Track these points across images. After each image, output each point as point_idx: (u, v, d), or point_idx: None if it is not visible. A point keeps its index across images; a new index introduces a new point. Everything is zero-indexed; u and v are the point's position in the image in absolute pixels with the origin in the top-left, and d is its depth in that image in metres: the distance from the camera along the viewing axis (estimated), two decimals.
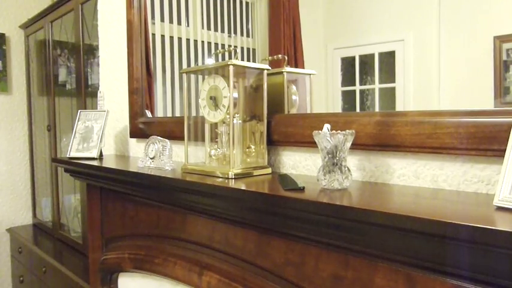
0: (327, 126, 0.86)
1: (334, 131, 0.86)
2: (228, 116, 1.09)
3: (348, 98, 1.28)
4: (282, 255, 0.96)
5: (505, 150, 0.69)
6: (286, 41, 1.41)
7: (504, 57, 0.92)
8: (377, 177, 0.96)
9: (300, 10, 1.39)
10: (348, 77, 1.28)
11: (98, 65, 2.06)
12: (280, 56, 1.32)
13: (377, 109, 1.21)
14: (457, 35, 1.02)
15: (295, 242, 0.93)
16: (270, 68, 1.16)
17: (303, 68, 1.36)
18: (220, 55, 1.41)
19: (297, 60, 1.38)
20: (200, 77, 1.30)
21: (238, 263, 1.08)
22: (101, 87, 2.01)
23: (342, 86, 1.29)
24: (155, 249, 1.36)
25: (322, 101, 1.34)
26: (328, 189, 0.86)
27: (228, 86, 1.07)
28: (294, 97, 1.28)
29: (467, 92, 0.99)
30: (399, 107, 1.14)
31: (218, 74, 1.13)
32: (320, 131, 0.86)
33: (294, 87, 1.29)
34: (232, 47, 1.66)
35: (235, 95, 1.12)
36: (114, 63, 1.91)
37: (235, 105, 1.12)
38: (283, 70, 1.22)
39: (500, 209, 0.65)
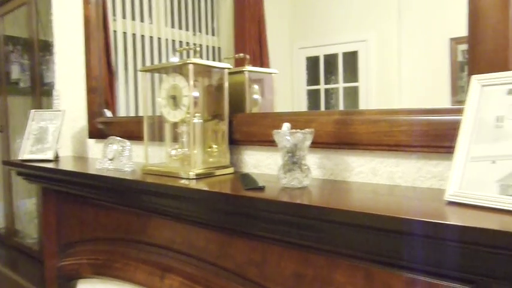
0: (286, 125, 0.87)
1: (293, 130, 0.86)
2: (188, 116, 1.07)
3: (313, 97, 1.30)
4: (245, 255, 0.96)
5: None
6: (251, 40, 1.41)
7: (459, 58, 0.96)
8: (336, 175, 0.97)
9: (265, 9, 1.39)
10: (313, 76, 1.29)
11: (54, 62, 1.98)
12: (242, 54, 1.31)
13: (341, 108, 1.23)
14: (416, 36, 1.05)
15: (257, 242, 0.93)
16: (231, 67, 1.15)
17: (269, 67, 1.36)
18: (184, 53, 1.39)
19: (262, 59, 1.38)
20: (162, 76, 1.27)
21: (200, 264, 1.07)
22: (57, 86, 1.94)
23: (307, 85, 1.31)
24: (115, 254, 1.32)
25: (288, 100, 1.34)
26: (288, 188, 0.86)
27: (188, 85, 1.06)
28: (255, 96, 1.28)
29: (426, 90, 1.02)
30: (362, 105, 1.16)
31: (178, 73, 1.11)
32: (280, 130, 0.86)
33: (255, 87, 1.29)
34: (198, 45, 1.64)
35: (196, 94, 1.10)
36: (71, 61, 1.84)
37: (195, 104, 1.10)
38: (244, 69, 1.22)
39: (451, 203, 0.68)
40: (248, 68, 1.23)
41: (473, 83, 0.72)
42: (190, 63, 1.03)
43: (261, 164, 1.13)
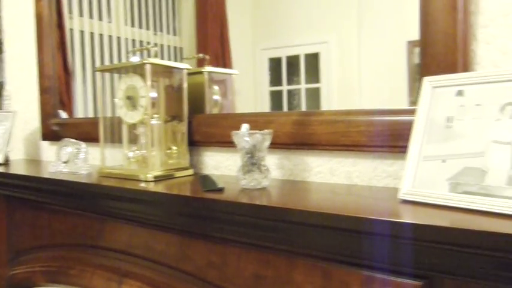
0: (245, 126, 0.86)
1: (252, 131, 0.86)
2: (146, 117, 1.05)
3: (276, 98, 1.30)
4: (204, 257, 0.95)
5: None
6: (213, 40, 1.39)
7: (416, 60, 0.99)
8: (296, 175, 0.98)
9: (227, 9, 1.38)
10: (275, 77, 1.30)
11: (4, 61, 1.88)
12: (201, 55, 1.30)
13: (304, 109, 1.24)
14: (375, 38, 1.08)
15: (216, 244, 0.92)
16: (189, 67, 1.13)
17: (231, 67, 1.36)
18: (144, 52, 1.35)
19: (225, 59, 1.37)
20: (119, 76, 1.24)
21: (159, 268, 1.05)
22: (8, 86, 1.84)
23: (270, 86, 1.31)
24: (71, 260, 1.27)
25: (251, 101, 1.34)
26: (247, 189, 0.86)
27: (146, 85, 1.03)
28: (215, 97, 1.27)
29: (386, 91, 1.04)
30: (324, 106, 1.17)
31: (135, 73, 1.08)
32: (238, 131, 0.85)
33: (215, 87, 1.28)
34: (159, 45, 1.61)
35: (154, 94, 1.08)
36: (22, 60, 1.76)
37: (153, 105, 1.08)
38: (203, 70, 1.21)
39: (404, 201, 0.70)
40: (208, 68, 1.22)
41: (425, 84, 0.74)
42: (148, 63, 1.01)
43: (221, 165, 1.12)
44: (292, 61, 1.28)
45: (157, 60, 1.05)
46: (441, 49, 0.78)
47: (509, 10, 0.76)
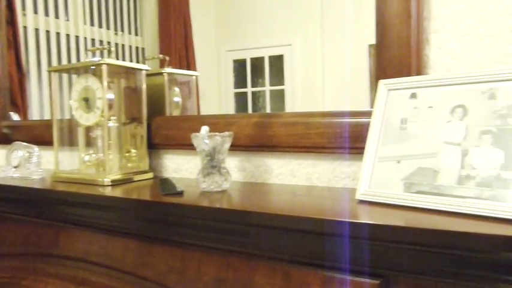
0: (204, 128, 0.85)
1: (212, 133, 0.85)
2: (102, 119, 1.01)
3: (241, 100, 1.30)
4: (164, 262, 0.93)
5: None
6: (177, 41, 1.37)
7: None
8: (257, 177, 0.98)
9: (191, 10, 1.36)
10: (240, 79, 1.29)
11: None
12: (161, 55, 1.28)
13: (268, 110, 1.24)
14: (338, 41, 1.10)
15: (177, 248, 0.90)
16: (148, 68, 1.11)
17: (195, 69, 1.34)
18: (102, 52, 1.31)
19: (188, 61, 1.35)
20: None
21: (118, 275, 1.01)
22: None
23: (235, 88, 1.30)
24: (23, 270, 1.21)
25: (216, 102, 1.33)
26: (207, 192, 0.85)
27: (102, 86, 1.00)
28: (176, 99, 1.25)
29: (348, 93, 1.06)
30: (288, 108, 1.18)
31: (91, 74, 1.04)
32: (198, 134, 0.84)
33: (176, 89, 1.26)
34: (120, 45, 1.57)
35: (111, 96, 1.05)
36: None
37: (111, 107, 1.05)
38: (163, 71, 1.18)
39: (361, 202, 0.71)
40: (168, 69, 1.20)
41: (381, 87, 0.76)
42: (104, 63, 0.98)
43: (181, 168, 1.10)
44: (257, 63, 1.28)
45: (115, 61, 1.02)
46: (396, 53, 0.80)
47: (460, 16, 0.79)
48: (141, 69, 1.08)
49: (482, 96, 0.65)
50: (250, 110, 1.28)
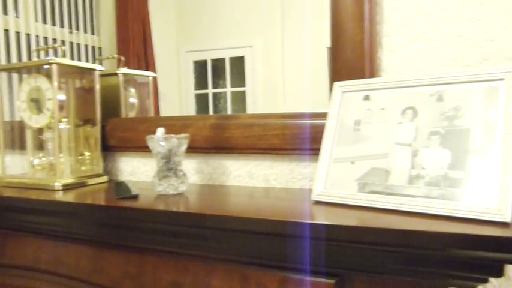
0: (160, 130, 0.83)
1: (168, 135, 0.83)
2: (53, 121, 0.97)
3: (202, 101, 1.28)
4: (119, 268, 0.90)
5: None
6: (135, 41, 1.33)
7: None
8: (215, 180, 0.97)
9: (150, 10, 1.33)
10: (201, 80, 1.28)
11: None
12: (116, 55, 1.24)
13: (229, 112, 1.23)
14: (298, 43, 1.10)
15: (132, 253, 0.87)
16: (102, 68, 1.07)
17: (155, 69, 1.31)
18: (54, 50, 1.26)
19: (148, 61, 1.32)
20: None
21: (70, 283, 0.97)
22: None
23: (196, 89, 1.28)
24: None
25: (176, 104, 1.31)
26: (163, 195, 0.83)
27: (52, 87, 0.96)
28: (132, 100, 1.22)
29: (308, 95, 1.07)
30: (250, 109, 1.18)
31: (41, 74, 1.00)
32: (153, 136, 0.82)
33: (132, 90, 1.23)
34: (75, 44, 1.51)
35: (62, 97, 1.00)
36: None
37: (62, 108, 1.00)
38: (118, 71, 1.15)
39: (317, 203, 0.72)
40: (123, 70, 1.16)
41: (335, 89, 0.78)
42: (54, 63, 0.94)
43: (137, 171, 1.07)
44: (218, 64, 1.27)
45: (66, 60, 0.98)
46: (350, 55, 0.81)
47: (410, 21, 0.82)
48: (94, 70, 1.05)
49: (430, 98, 0.67)
50: (211, 112, 1.27)
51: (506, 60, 0.75)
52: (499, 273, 0.53)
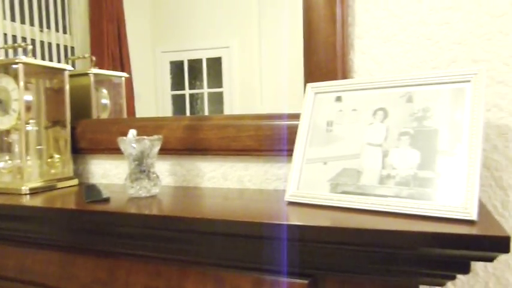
0: (132, 132, 0.82)
1: (140, 137, 0.82)
2: (19, 122, 0.94)
3: (179, 102, 1.27)
4: (90, 274, 0.87)
5: None
6: (110, 41, 1.30)
7: None
8: (189, 181, 0.96)
9: (125, 10, 1.31)
10: (177, 81, 1.26)
11: None
12: (87, 55, 1.21)
13: (206, 113, 1.22)
14: (275, 44, 1.10)
15: (103, 258, 0.85)
16: (71, 68, 1.05)
17: (130, 70, 1.28)
18: (25, 49, 1.22)
19: (122, 61, 1.29)
20: None
21: None
22: None
23: (172, 90, 1.27)
24: None
25: (152, 105, 1.29)
26: (136, 198, 0.82)
27: (18, 87, 0.93)
28: (104, 101, 1.20)
29: (285, 96, 1.07)
30: (227, 111, 1.17)
31: (7, 74, 0.96)
32: (125, 137, 0.81)
33: (104, 91, 1.21)
34: (46, 43, 1.46)
35: (29, 97, 0.97)
36: None
37: (29, 109, 0.97)
38: (88, 71, 1.12)
39: (290, 203, 0.72)
40: (94, 70, 1.14)
41: (308, 90, 0.78)
42: (20, 62, 0.91)
43: (109, 173, 1.05)
44: (195, 65, 1.26)
45: (33, 60, 0.95)
46: (323, 57, 0.82)
47: (381, 24, 0.83)
48: (64, 69, 1.02)
49: (400, 99, 0.69)
50: (188, 113, 1.26)
51: (473, 62, 0.77)
52: (465, 270, 0.55)
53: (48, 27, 1.49)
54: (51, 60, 1.44)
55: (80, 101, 1.11)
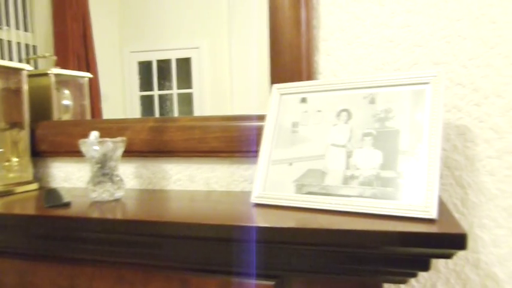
0: (94, 134, 0.79)
1: (103, 139, 0.80)
2: None
3: (147, 103, 1.24)
4: (50, 282, 0.84)
5: None
6: (75, 40, 1.26)
7: None
8: (155, 184, 0.94)
9: (91, 8, 1.27)
10: (146, 82, 1.24)
11: None
12: (47, 54, 1.17)
13: (176, 114, 1.20)
14: (245, 45, 1.10)
15: (65, 265, 0.82)
16: (30, 68, 1.01)
17: (96, 70, 1.25)
18: None
19: (88, 61, 1.25)
20: None
21: None
22: None
23: (140, 91, 1.24)
24: None
25: (120, 106, 1.26)
26: (98, 202, 0.79)
27: None
28: (66, 102, 1.16)
29: (256, 97, 1.07)
30: (197, 112, 1.16)
31: None
32: (86, 140, 0.78)
33: (66, 91, 1.17)
34: (5, 41, 1.40)
35: None
36: None
37: None
38: (48, 71, 1.09)
39: (256, 205, 0.72)
40: (54, 70, 1.10)
41: (274, 91, 0.78)
42: None
43: (72, 177, 1.02)
44: (164, 65, 1.24)
45: None
46: (288, 58, 0.82)
47: (345, 26, 0.84)
48: (22, 69, 0.98)
49: (363, 101, 0.70)
50: (157, 114, 1.23)
51: (434, 64, 0.79)
52: (425, 267, 0.56)
53: (8, 24, 1.43)
54: (11, 59, 1.38)
55: (40, 102, 1.07)
